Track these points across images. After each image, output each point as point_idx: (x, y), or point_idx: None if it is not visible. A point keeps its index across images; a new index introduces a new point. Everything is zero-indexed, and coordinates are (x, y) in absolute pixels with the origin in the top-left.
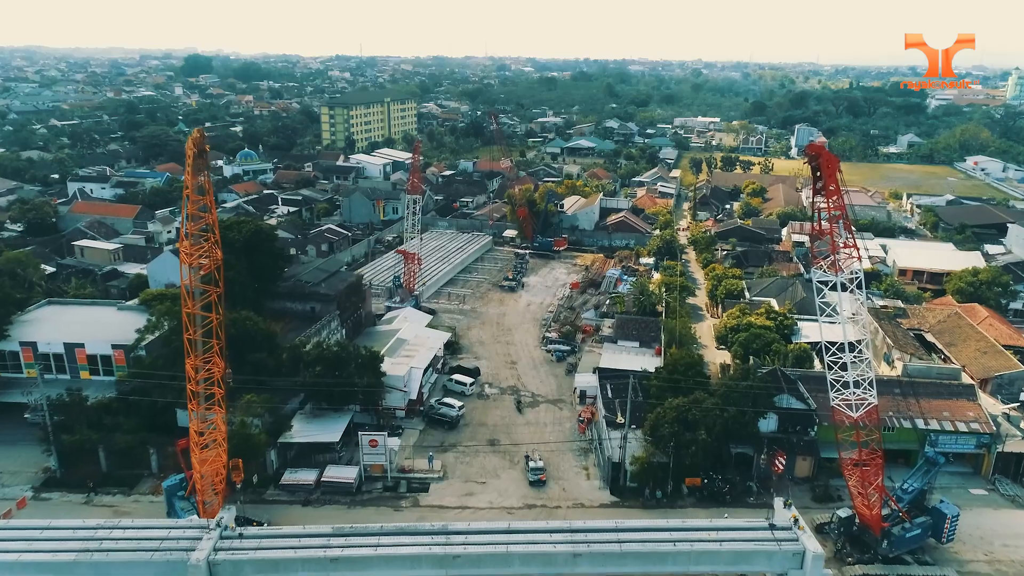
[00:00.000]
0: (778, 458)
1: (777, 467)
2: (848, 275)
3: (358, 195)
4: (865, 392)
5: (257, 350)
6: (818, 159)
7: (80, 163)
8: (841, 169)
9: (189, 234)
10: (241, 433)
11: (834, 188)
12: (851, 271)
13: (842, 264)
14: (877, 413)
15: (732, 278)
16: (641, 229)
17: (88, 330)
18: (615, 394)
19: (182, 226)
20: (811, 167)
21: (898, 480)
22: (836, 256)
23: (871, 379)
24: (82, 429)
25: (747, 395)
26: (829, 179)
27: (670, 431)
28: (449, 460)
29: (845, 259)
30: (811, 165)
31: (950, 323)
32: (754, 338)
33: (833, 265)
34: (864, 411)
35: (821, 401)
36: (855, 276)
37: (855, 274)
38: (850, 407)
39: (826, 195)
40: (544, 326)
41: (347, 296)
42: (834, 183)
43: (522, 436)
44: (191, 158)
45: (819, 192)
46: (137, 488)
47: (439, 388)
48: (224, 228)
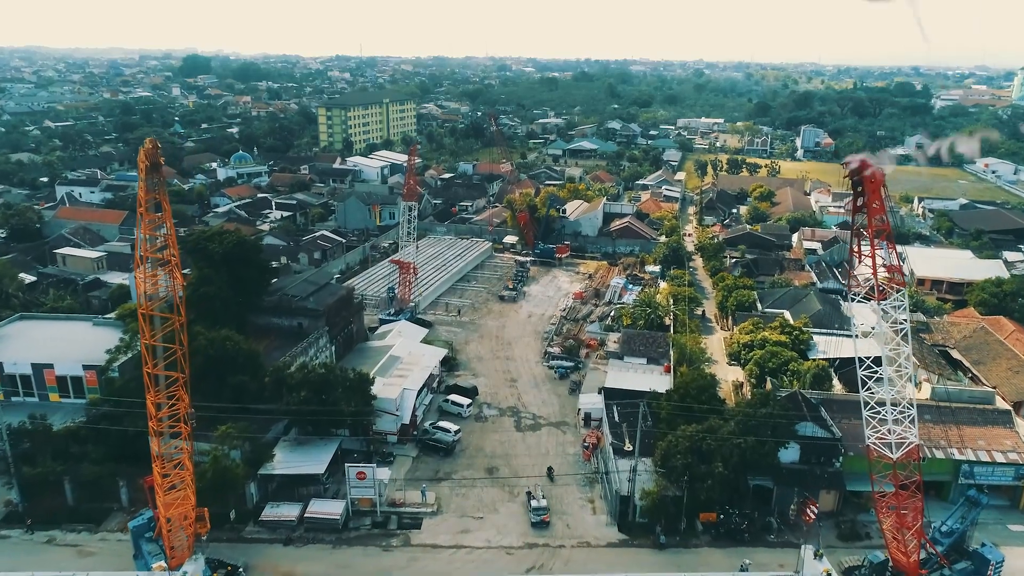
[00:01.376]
0: (810, 507)
1: (808, 517)
2: (891, 303)
3: (353, 199)
4: (906, 431)
5: (238, 372)
6: (861, 174)
7: (71, 166)
8: (886, 184)
9: (144, 257)
10: (216, 467)
11: (878, 206)
12: (895, 298)
13: (885, 290)
14: (919, 453)
15: (743, 288)
16: (646, 235)
17: (59, 348)
18: (622, 417)
19: (136, 248)
20: (852, 182)
21: (931, 515)
22: (879, 281)
23: (913, 416)
24: (46, 460)
25: (766, 423)
26: (873, 195)
27: (683, 462)
28: (444, 492)
29: (888, 285)
30: (852, 180)
31: (977, 338)
32: (770, 356)
33: (875, 291)
34: (904, 451)
35: (845, 428)
36: (899, 304)
37: (899, 302)
38: (888, 447)
39: (869, 213)
40: (546, 340)
41: (337, 310)
42: (878, 200)
43: (523, 463)
44: (143, 172)
45: (860, 210)
46: (105, 524)
47: (434, 409)
48: (205, 239)
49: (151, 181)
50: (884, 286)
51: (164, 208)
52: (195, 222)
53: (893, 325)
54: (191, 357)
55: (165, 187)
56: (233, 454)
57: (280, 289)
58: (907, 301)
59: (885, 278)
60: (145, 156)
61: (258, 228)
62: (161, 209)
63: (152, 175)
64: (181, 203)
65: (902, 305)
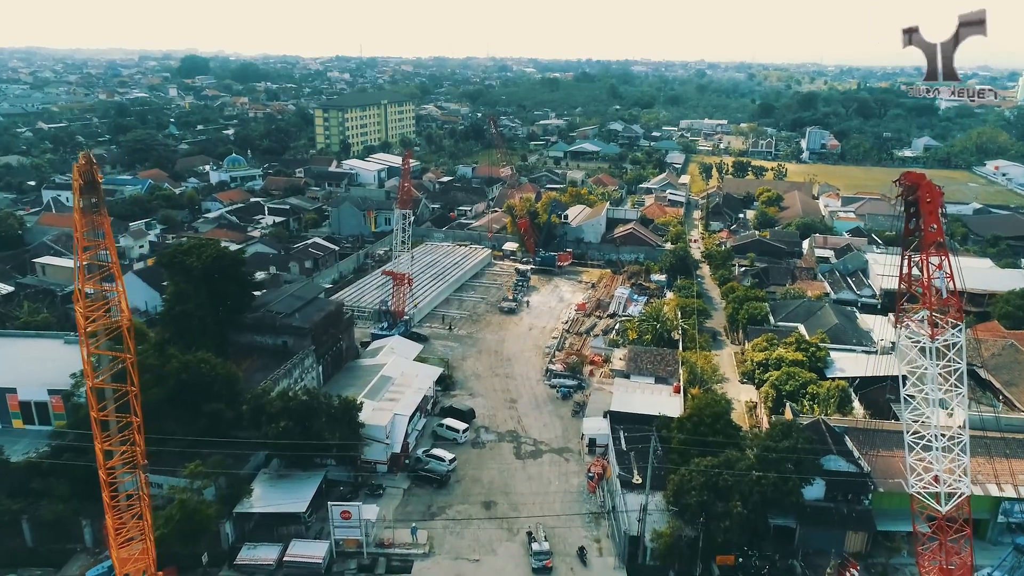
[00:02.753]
0: (850, 570)
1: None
2: (945, 340)
3: (348, 205)
4: (958, 480)
5: (214, 399)
6: (917, 191)
7: (61, 169)
8: (943, 204)
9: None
10: (184, 510)
11: (936, 228)
12: (951, 334)
13: (940, 325)
14: (970, 505)
15: (754, 300)
16: (651, 242)
17: (24, 370)
18: (630, 444)
19: (75, 278)
20: (905, 201)
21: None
22: (933, 313)
23: (965, 465)
24: (1, 497)
25: (789, 457)
26: (930, 216)
27: (698, 499)
28: (436, 530)
29: (944, 318)
30: (906, 199)
31: (1007, 356)
32: (787, 378)
33: (928, 325)
34: (955, 504)
35: (872, 459)
36: (954, 341)
37: (955, 338)
38: (935, 497)
39: (925, 237)
40: (547, 355)
41: (325, 328)
42: (936, 222)
43: (523, 496)
44: (77, 191)
45: (914, 233)
46: (66, 568)
47: (428, 434)
48: (182, 253)
49: (87, 202)
50: (939, 321)
51: (105, 231)
52: (184, 228)
53: (948, 365)
54: (162, 381)
55: (104, 207)
56: (207, 492)
57: (264, 305)
58: (964, 338)
59: (940, 312)
60: (79, 174)
61: (248, 235)
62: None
63: (88, 195)
64: (171, 208)
65: (959, 343)
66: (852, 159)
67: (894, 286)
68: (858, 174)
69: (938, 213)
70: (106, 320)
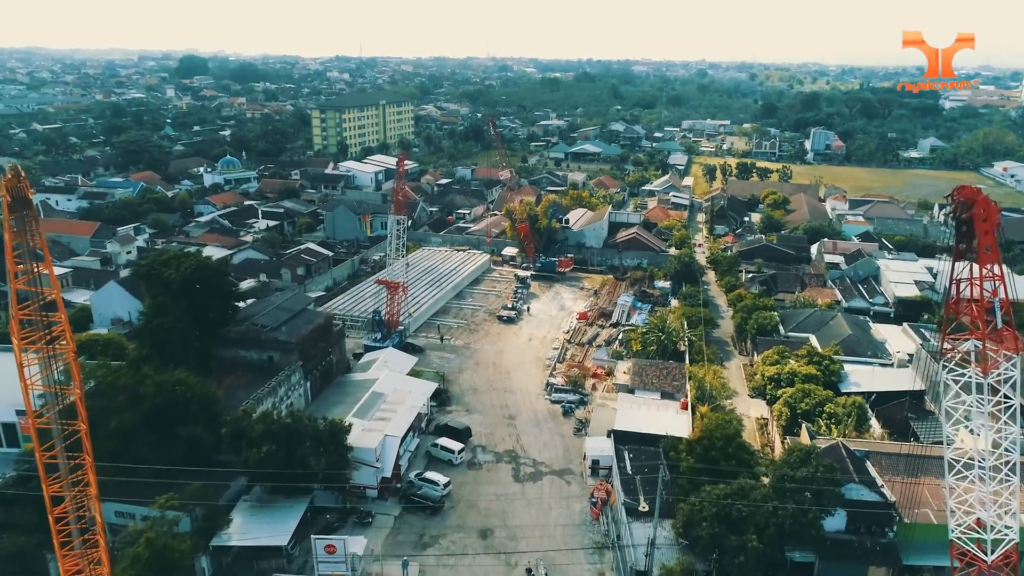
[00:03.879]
0: None
1: None
2: (998, 375)
3: (342, 209)
4: (1006, 527)
5: (191, 422)
6: (971, 208)
7: (53, 171)
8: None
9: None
10: (153, 548)
11: (992, 250)
12: (1005, 368)
13: (993, 358)
14: (1018, 553)
15: (764, 310)
16: (655, 247)
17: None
18: (635, 467)
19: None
20: (957, 219)
21: None
22: (985, 346)
23: (1015, 509)
24: None
25: (808, 487)
26: (986, 236)
27: (709, 531)
28: (429, 563)
29: (997, 352)
30: (958, 217)
31: None
32: (802, 396)
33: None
34: (1001, 552)
35: (895, 486)
36: (1008, 376)
37: (1009, 372)
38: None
39: (979, 260)
40: (548, 367)
41: (313, 342)
42: (992, 242)
43: (522, 523)
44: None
45: (965, 254)
46: None
47: (421, 455)
48: (160, 264)
49: (18, 221)
50: (993, 354)
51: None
52: (175, 233)
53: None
54: (137, 404)
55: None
56: (182, 523)
57: (249, 318)
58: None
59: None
60: (6, 188)
61: (240, 240)
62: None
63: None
64: (162, 212)
65: (1012, 378)
66: (857, 160)
67: (908, 294)
68: (864, 175)
69: (995, 233)
70: (49, 351)
